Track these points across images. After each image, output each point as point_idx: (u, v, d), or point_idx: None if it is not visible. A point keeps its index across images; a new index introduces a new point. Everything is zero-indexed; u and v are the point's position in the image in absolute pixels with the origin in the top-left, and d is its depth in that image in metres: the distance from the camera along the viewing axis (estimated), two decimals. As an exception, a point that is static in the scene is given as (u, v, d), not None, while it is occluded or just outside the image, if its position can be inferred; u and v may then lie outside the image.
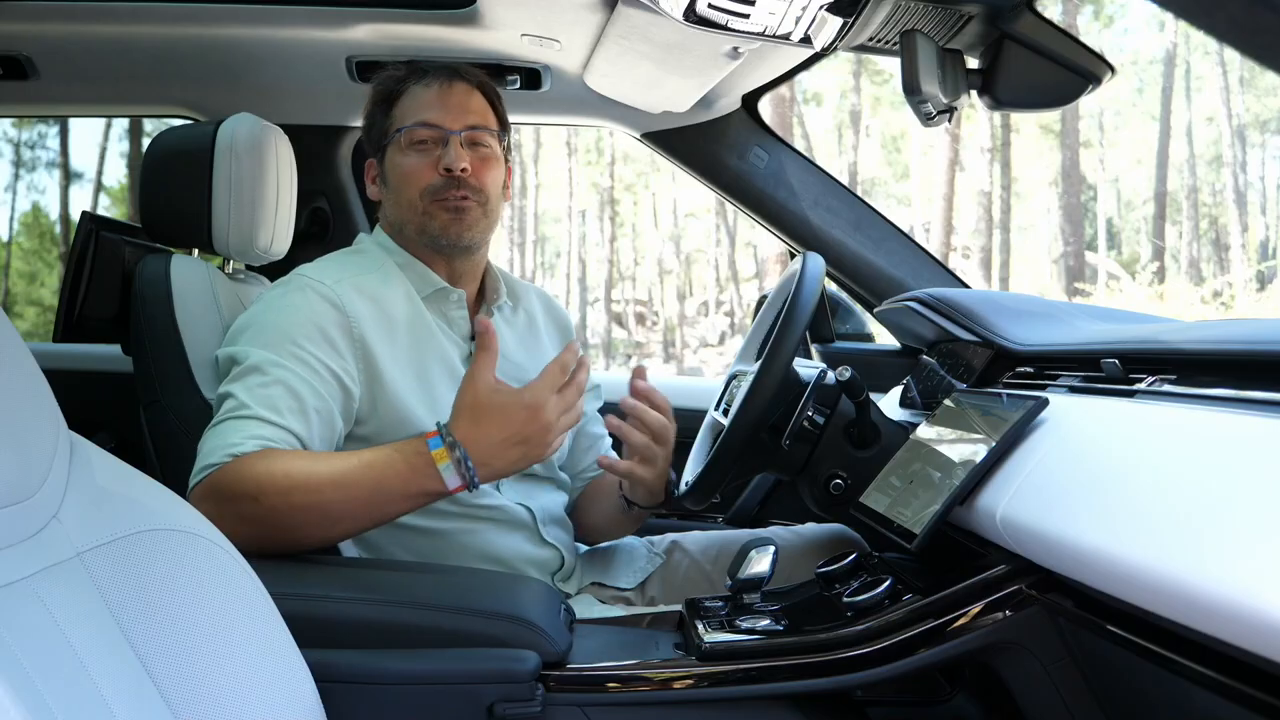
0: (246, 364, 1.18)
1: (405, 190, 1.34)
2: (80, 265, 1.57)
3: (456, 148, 1.32)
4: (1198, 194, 20.19)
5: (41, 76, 1.90)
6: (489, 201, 1.36)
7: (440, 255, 1.36)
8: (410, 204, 1.34)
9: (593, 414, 1.59)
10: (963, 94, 1.26)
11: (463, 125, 1.34)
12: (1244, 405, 0.77)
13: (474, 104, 1.36)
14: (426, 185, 1.33)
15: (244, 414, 1.13)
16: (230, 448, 1.09)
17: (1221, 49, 16.06)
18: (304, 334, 1.21)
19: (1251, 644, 0.59)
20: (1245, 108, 20.61)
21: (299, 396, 1.16)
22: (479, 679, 0.94)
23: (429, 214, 1.33)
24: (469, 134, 1.34)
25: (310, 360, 1.19)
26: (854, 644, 0.97)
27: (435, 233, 1.34)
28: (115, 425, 1.98)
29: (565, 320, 1.59)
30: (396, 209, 1.36)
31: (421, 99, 1.35)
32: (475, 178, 1.33)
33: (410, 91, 1.36)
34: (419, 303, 1.34)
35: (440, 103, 1.34)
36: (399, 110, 1.36)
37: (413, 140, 1.33)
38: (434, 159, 1.33)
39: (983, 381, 1.28)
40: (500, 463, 1.09)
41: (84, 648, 0.68)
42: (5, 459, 0.68)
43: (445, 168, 1.31)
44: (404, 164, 1.34)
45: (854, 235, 1.96)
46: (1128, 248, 22.46)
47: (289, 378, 1.17)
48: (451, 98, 1.34)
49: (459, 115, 1.34)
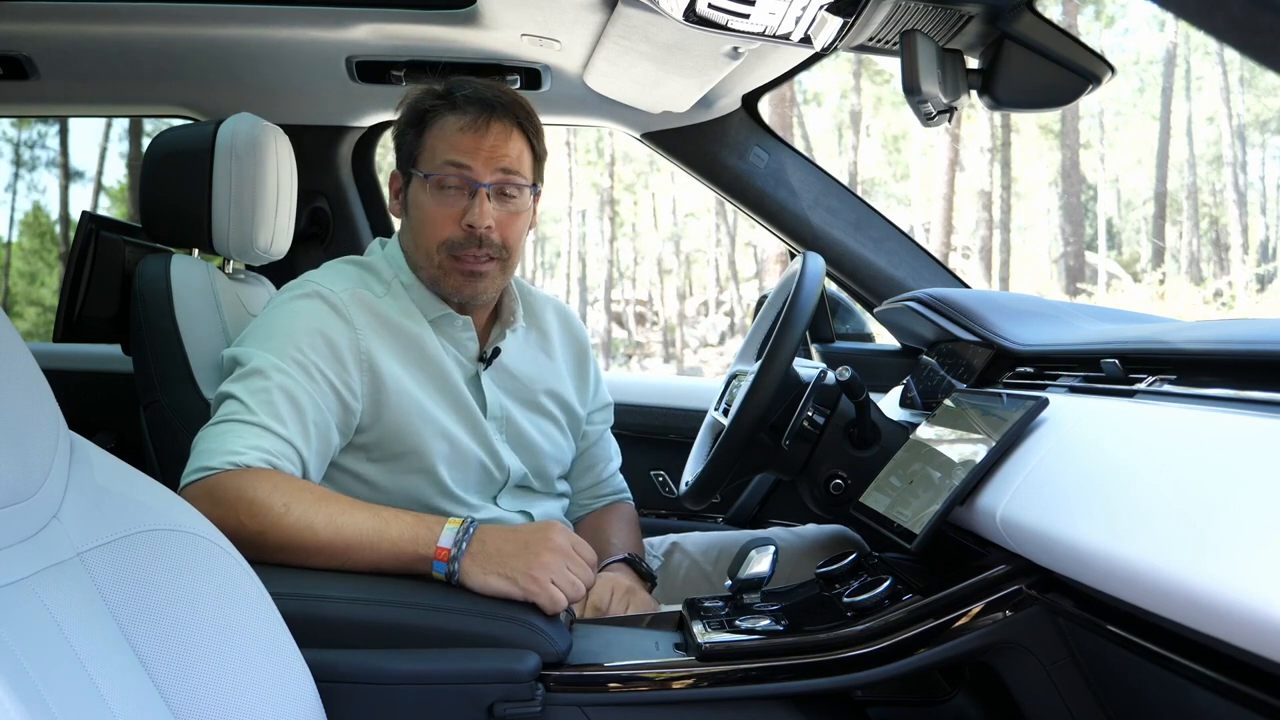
0: (250, 366, 1.17)
1: (424, 237, 1.28)
2: (80, 265, 1.57)
3: (483, 202, 1.25)
4: (1198, 194, 20.20)
5: (41, 76, 1.90)
6: (510, 258, 1.31)
7: (450, 303, 1.33)
8: (427, 253, 1.29)
9: (600, 435, 1.56)
10: (963, 94, 1.26)
11: (493, 176, 1.26)
12: (1244, 405, 0.77)
13: (510, 148, 1.27)
14: (446, 239, 1.27)
15: (247, 419, 1.12)
16: (232, 454, 1.08)
17: (1221, 49, 16.06)
18: (309, 342, 1.20)
19: (1251, 644, 0.59)
20: (1245, 108, 20.61)
21: (300, 407, 1.15)
22: (479, 679, 0.94)
23: (444, 270, 1.28)
24: (498, 185, 1.27)
25: (312, 370, 1.18)
26: (854, 644, 0.97)
27: (447, 291, 1.30)
28: (115, 425, 1.98)
29: (582, 339, 1.54)
30: (414, 248, 1.31)
31: (454, 137, 1.26)
32: (499, 233, 1.27)
33: (444, 121, 1.28)
34: (425, 322, 1.31)
35: (473, 146, 1.25)
36: (429, 139, 1.28)
37: (439, 184, 1.27)
38: (458, 210, 1.26)
39: (983, 381, 1.28)
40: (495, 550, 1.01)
41: (84, 648, 0.68)
42: (5, 459, 0.68)
43: (469, 224, 1.25)
44: (427, 207, 1.28)
45: (854, 235, 1.96)
46: (1128, 248, 22.46)
47: (292, 386, 1.16)
48: (486, 140, 1.26)
49: (490, 162, 1.26)
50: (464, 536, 1.02)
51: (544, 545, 1.02)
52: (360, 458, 1.26)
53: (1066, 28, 1.29)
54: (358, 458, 1.26)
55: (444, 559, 1.01)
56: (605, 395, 1.57)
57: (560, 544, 1.03)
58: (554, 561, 1.01)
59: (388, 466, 1.26)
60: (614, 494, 1.56)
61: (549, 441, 1.42)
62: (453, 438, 1.28)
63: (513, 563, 1.00)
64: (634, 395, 2.03)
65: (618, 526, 1.47)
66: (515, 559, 1.00)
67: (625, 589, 1.28)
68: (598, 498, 1.55)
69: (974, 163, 15.81)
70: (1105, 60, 1.24)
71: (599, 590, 1.27)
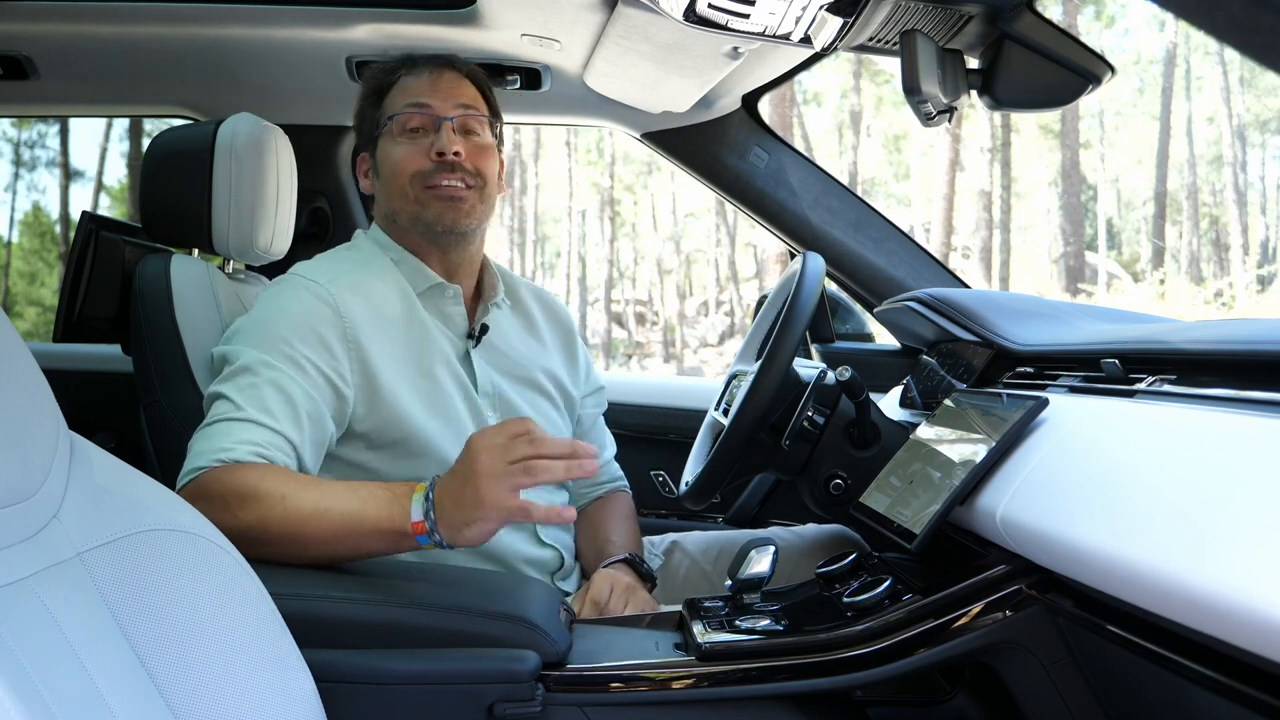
0: (238, 364, 1.17)
1: (396, 178, 1.33)
2: (80, 265, 1.57)
3: (449, 133, 1.31)
4: (1198, 194, 20.19)
5: (41, 76, 1.90)
6: (485, 186, 1.35)
7: (435, 246, 1.35)
8: (402, 191, 1.33)
9: (594, 421, 1.57)
10: (963, 94, 1.26)
11: (454, 110, 1.33)
12: (1244, 405, 0.77)
13: (465, 91, 1.36)
14: (418, 170, 1.32)
15: (236, 416, 1.12)
16: (220, 452, 1.08)
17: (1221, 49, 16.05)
18: (297, 335, 1.20)
19: (1251, 644, 0.59)
20: (1245, 108, 20.60)
21: (291, 399, 1.16)
22: (479, 679, 0.94)
23: (421, 202, 1.32)
24: (461, 119, 1.33)
25: (302, 361, 1.19)
26: (854, 644, 0.97)
27: (429, 220, 1.32)
28: (115, 425, 1.98)
29: (567, 320, 1.56)
30: (389, 199, 1.35)
31: (412, 87, 1.35)
32: (470, 162, 1.32)
33: (401, 82, 1.36)
34: (414, 300, 1.33)
35: (431, 88, 1.34)
36: (389, 100, 1.36)
37: (404, 128, 1.33)
38: (426, 145, 1.32)
39: (983, 381, 1.28)
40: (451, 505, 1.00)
41: (84, 647, 0.68)
42: (5, 459, 0.68)
43: (438, 152, 1.30)
44: (395, 151, 1.33)
45: (854, 235, 1.96)
46: (1128, 248, 22.46)
47: (280, 379, 1.16)
48: (442, 83, 1.35)
49: (450, 100, 1.34)
50: (429, 505, 1.01)
51: (475, 467, 0.98)
52: (359, 446, 1.26)
53: (1066, 28, 1.29)
54: (357, 447, 1.26)
55: (423, 532, 1.01)
56: (597, 379, 1.57)
57: (484, 459, 0.98)
58: (494, 473, 0.97)
59: (387, 454, 1.26)
60: (611, 481, 1.56)
61: (544, 419, 1.42)
62: (448, 418, 1.29)
63: (469, 505, 0.98)
64: (634, 395, 2.03)
65: (617, 524, 1.47)
66: (470, 500, 0.98)
67: (625, 586, 1.28)
68: (596, 484, 1.55)
69: (974, 163, 15.81)
70: (1105, 60, 1.24)
71: (598, 585, 1.27)
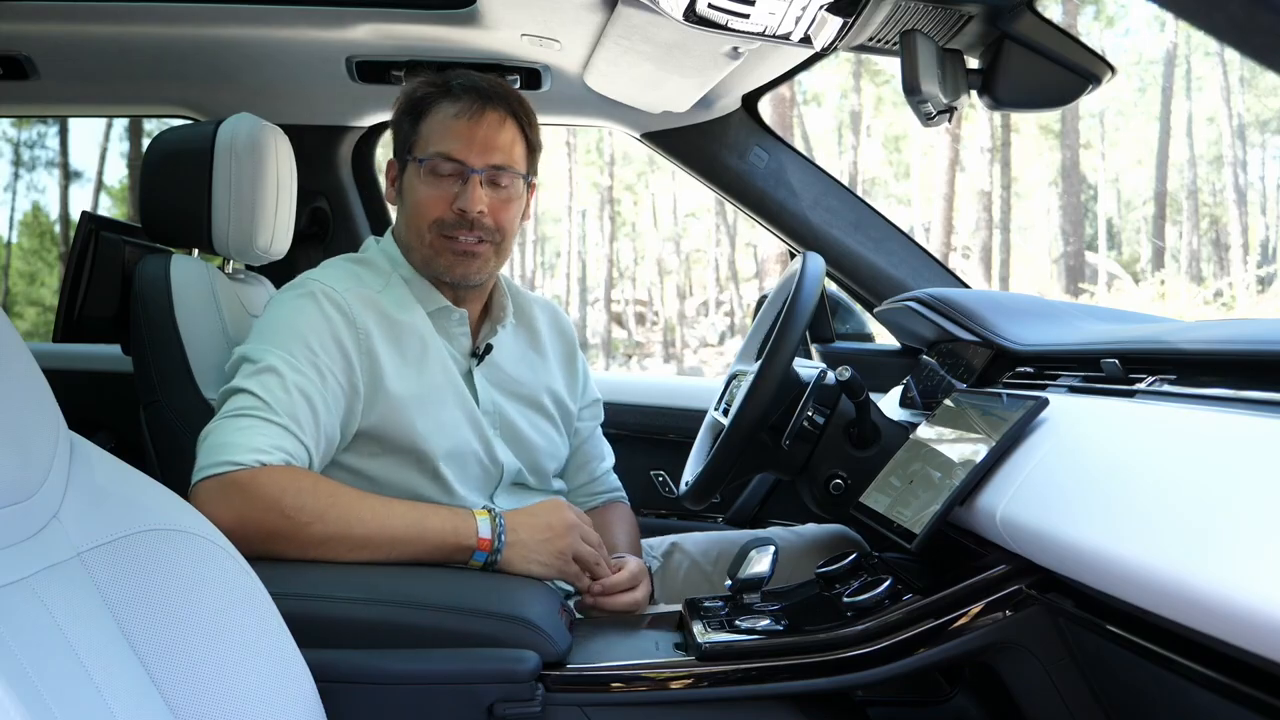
0: (264, 363, 1.17)
1: (417, 218, 1.30)
2: (80, 265, 1.57)
3: (475, 188, 1.27)
4: (1198, 194, 20.19)
5: (41, 76, 1.90)
6: (503, 241, 1.32)
7: (446, 286, 1.34)
8: (419, 233, 1.31)
9: (591, 432, 1.56)
10: (963, 94, 1.26)
11: (485, 164, 1.28)
12: (1244, 405, 0.77)
13: (502, 138, 1.29)
14: (438, 218, 1.29)
15: (267, 417, 1.12)
16: (258, 453, 1.08)
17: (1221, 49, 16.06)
18: (319, 342, 1.20)
19: (1251, 644, 0.59)
20: (1245, 108, 20.61)
21: (315, 410, 1.16)
22: (479, 679, 0.94)
23: (435, 250, 1.30)
24: (491, 174, 1.29)
25: (325, 371, 1.19)
26: (854, 644, 0.97)
27: (439, 270, 1.31)
28: (115, 425, 1.98)
29: (570, 335, 1.55)
30: (407, 231, 1.33)
31: (448, 125, 1.29)
32: (492, 218, 1.29)
33: (439, 109, 1.30)
34: (424, 316, 1.32)
35: (467, 134, 1.28)
36: (425, 128, 1.31)
37: (433, 170, 1.29)
38: (450, 194, 1.28)
39: (983, 381, 1.28)
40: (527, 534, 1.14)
41: (84, 647, 0.68)
42: (5, 459, 0.68)
43: (460, 209, 1.27)
44: (420, 190, 1.30)
45: (854, 235, 1.96)
46: (1128, 248, 22.47)
47: (307, 386, 1.16)
48: (479, 130, 1.28)
49: (484, 152, 1.28)
50: (500, 528, 1.13)
51: (562, 525, 1.16)
52: (360, 454, 1.26)
53: (1066, 28, 1.29)
54: (358, 454, 1.26)
55: (487, 549, 1.12)
56: (594, 392, 1.57)
57: (572, 520, 1.18)
58: (574, 538, 1.16)
59: (387, 462, 1.26)
60: (608, 492, 1.56)
61: (543, 437, 1.42)
62: (450, 432, 1.29)
63: (545, 548, 1.15)
64: (634, 395, 2.03)
65: (619, 530, 1.47)
66: (546, 544, 1.15)
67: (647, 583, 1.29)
68: (594, 495, 1.54)
69: (974, 163, 15.81)
70: (1105, 60, 1.24)
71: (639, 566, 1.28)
